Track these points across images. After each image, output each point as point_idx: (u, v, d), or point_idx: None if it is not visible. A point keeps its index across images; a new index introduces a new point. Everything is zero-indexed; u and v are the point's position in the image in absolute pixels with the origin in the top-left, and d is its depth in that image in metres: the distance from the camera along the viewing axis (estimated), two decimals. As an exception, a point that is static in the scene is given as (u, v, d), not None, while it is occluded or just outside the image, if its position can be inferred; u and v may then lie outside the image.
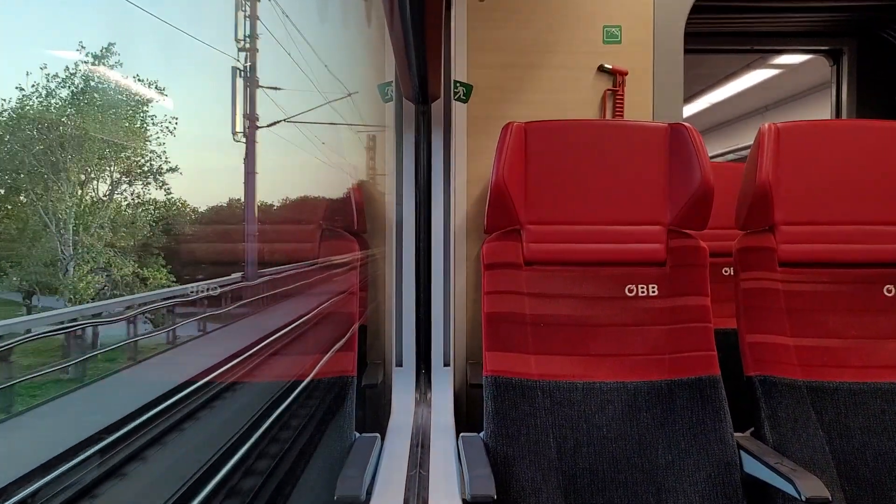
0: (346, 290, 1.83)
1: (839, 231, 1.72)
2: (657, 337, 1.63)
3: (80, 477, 2.14)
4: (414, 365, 1.94)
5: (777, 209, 1.72)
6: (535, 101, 2.11)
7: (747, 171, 1.76)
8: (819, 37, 3.20)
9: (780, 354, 1.65)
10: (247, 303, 3.85)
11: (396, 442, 1.61)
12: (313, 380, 1.85)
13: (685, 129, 1.65)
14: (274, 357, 2.82)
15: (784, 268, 1.71)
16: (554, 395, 1.57)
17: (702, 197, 1.61)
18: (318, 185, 3.40)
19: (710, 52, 3.58)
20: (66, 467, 2.10)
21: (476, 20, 2.10)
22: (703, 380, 1.58)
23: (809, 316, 1.68)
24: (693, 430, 1.54)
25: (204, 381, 2.92)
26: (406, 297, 1.95)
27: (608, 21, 2.12)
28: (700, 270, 1.67)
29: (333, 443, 1.62)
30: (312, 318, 2.17)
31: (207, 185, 4.51)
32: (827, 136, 1.76)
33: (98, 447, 2.30)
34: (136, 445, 2.44)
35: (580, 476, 1.51)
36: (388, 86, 1.99)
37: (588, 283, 1.67)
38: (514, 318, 1.64)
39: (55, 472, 2.06)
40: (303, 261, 2.39)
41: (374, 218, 2.12)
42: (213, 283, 3.70)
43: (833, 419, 1.59)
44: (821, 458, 1.55)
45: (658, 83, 2.12)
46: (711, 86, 6.05)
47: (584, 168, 1.71)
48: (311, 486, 1.85)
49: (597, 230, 1.70)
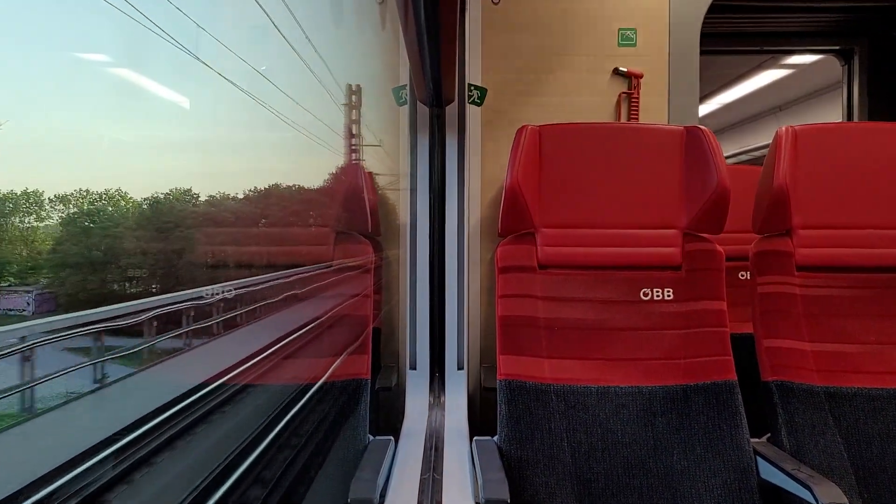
0: (360, 293, 1.83)
1: (857, 235, 1.70)
2: (672, 341, 1.62)
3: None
4: (428, 368, 1.94)
5: (795, 213, 1.70)
6: (549, 105, 2.11)
7: (764, 174, 1.74)
8: (830, 37, 3.18)
9: (798, 359, 1.64)
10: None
11: (410, 445, 1.60)
12: (327, 382, 1.85)
13: (701, 132, 1.64)
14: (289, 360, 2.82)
15: (801, 272, 1.69)
16: (568, 399, 1.57)
17: (718, 200, 1.60)
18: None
19: (723, 52, 3.56)
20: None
21: (490, 23, 2.10)
22: (719, 384, 1.56)
23: (827, 321, 1.67)
24: (709, 435, 1.53)
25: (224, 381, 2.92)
26: (420, 300, 1.95)
27: (623, 24, 2.11)
28: (716, 274, 1.65)
29: (347, 445, 1.62)
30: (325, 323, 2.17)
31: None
32: (845, 139, 1.74)
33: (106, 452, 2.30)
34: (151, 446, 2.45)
35: (594, 481, 1.51)
36: (402, 89, 1.99)
37: (603, 286, 1.67)
38: (528, 321, 1.64)
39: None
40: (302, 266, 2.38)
41: (388, 220, 2.12)
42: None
43: (851, 425, 1.57)
44: (839, 464, 1.53)
45: (673, 85, 2.12)
46: (723, 87, 6.02)
47: (598, 171, 1.71)
48: (325, 489, 1.85)
49: (611, 234, 1.69)
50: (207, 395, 2.84)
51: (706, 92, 6.20)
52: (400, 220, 2.03)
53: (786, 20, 3.05)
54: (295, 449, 2.41)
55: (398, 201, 2.05)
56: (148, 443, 2.35)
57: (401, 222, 2.02)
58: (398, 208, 2.05)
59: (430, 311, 1.95)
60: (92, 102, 2.18)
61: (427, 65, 1.43)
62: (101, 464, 1.90)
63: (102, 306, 2.55)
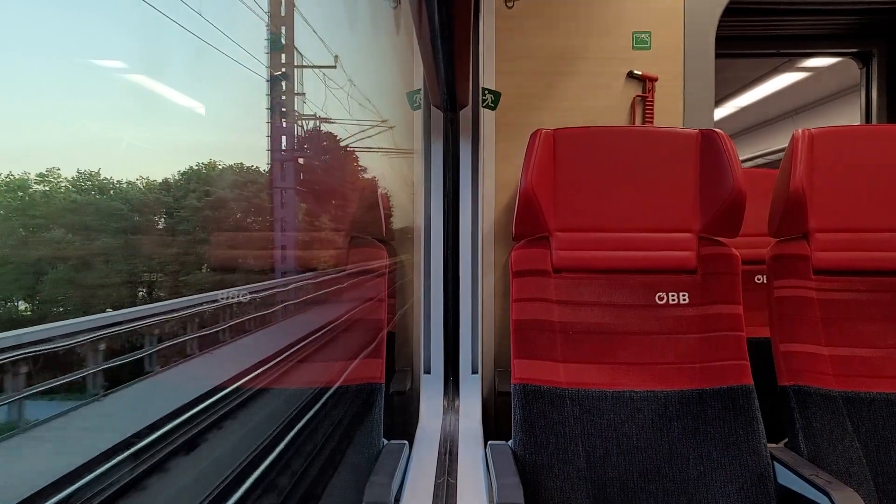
0: (375, 297, 1.84)
1: (875, 238, 1.68)
2: (688, 345, 1.61)
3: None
4: (442, 372, 1.94)
5: (811, 216, 1.69)
6: (563, 108, 2.11)
7: (780, 177, 1.73)
8: (848, 39, 3.15)
9: (815, 364, 1.62)
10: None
11: (424, 449, 1.61)
12: (342, 386, 1.86)
13: (717, 136, 1.63)
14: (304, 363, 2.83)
15: (818, 275, 1.68)
16: (583, 404, 1.56)
17: (734, 204, 1.59)
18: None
19: (739, 56, 3.54)
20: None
21: (504, 27, 2.10)
22: (736, 389, 1.55)
23: (845, 325, 1.65)
24: (725, 440, 1.51)
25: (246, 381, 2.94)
26: (434, 304, 1.96)
27: (638, 27, 2.11)
28: (732, 278, 1.64)
29: (362, 449, 1.62)
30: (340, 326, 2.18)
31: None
32: (862, 142, 1.73)
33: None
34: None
35: (609, 486, 1.50)
36: (416, 93, 2.00)
37: (618, 290, 1.66)
38: (542, 325, 1.63)
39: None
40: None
41: (401, 225, 2.13)
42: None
43: (870, 431, 1.56)
44: (857, 470, 1.51)
45: (688, 89, 2.11)
46: (739, 90, 5.99)
47: (613, 175, 1.70)
48: (339, 492, 1.85)
49: (626, 237, 1.69)
50: (248, 387, 2.90)
51: (722, 95, 6.17)
52: (414, 224, 2.03)
53: (802, 23, 3.03)
54: (310, 453, 2.43)
55: (411, 205, 2.06)
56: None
57: (415, 226, 2.02)
58: (412, 212, 2.06)
59: (444, 315, 1.96)
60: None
61: (441, 69, 1.44)
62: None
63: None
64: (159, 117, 4.19)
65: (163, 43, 3.77)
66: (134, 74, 3.86)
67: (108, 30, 3.69)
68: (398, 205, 2.25)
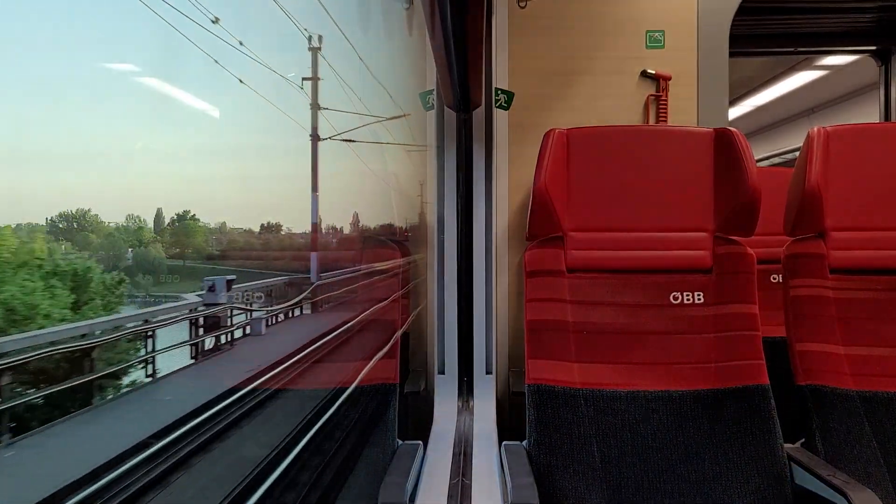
0: (389, 297, 1.84)
1: (892, 237, 1.67)
2: (703, 345, 1.60)
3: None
4: (456, 373, 1.95)
5: (827, 215, 1.67)
6: (577, 108, 2.11)
7: (796, 175, 1.72)
8: (866, 37, 3.13)
9: (832, 363, 1.61)
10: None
11: (439, 450, 1.61)
12: (358, 387, 1.87)
13: (731, 134, 1.62)
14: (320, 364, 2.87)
15: (835, 275, 1.66)
16: (597, 404, 1.55)
17: (749, 203, 1.57)
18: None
19: (755, 54, 3.52)
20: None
21: (517, 27, 2.10)
22: (751, 389, 1.54)
23: (862, 324, 1.63)
24: (741, 440, 1.50)
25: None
26: (448, 304, 1.96)
27: (651, 26, 2.10)
28: (747, 277, 1.62)
29: (376, 449, 1.63)
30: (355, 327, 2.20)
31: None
32: (878, 139, 1.71)
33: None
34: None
35: (624, 486, 1.49)
36: (429, 94, 2.00)
37: (632, 290, 1.65)
38: (556, 325, 1.62)
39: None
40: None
41: (415, 225, 2.14)
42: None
43: (888, 431, 1.54)
44: (875, 471, 1.50)
45: (703, 87, 2.10)
46: (755, 89, 5.93)
47: (627, 174, 1.69)
48: (354, 492, 1.87)
49: (641, 237, 1.68)
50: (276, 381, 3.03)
51: (738, 94, 6.12)
52: (427, 225, 2.04)
53: (819, 21, 3.00)
54: (327, 452, 2.45)
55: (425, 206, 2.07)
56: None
57: (428, 227, 2.03)
58: (425, 213, 2.07)
59: (458, 316, 1.96)
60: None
61: (454, 69, 1.44)
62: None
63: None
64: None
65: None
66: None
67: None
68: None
